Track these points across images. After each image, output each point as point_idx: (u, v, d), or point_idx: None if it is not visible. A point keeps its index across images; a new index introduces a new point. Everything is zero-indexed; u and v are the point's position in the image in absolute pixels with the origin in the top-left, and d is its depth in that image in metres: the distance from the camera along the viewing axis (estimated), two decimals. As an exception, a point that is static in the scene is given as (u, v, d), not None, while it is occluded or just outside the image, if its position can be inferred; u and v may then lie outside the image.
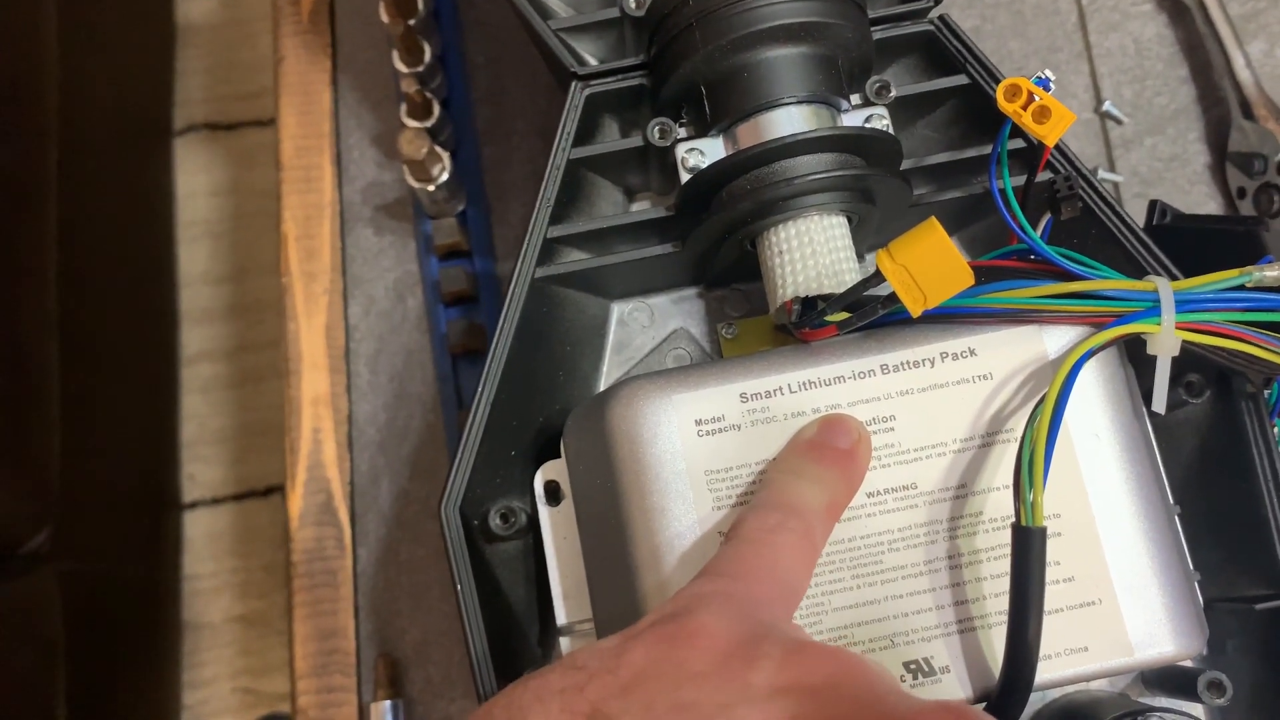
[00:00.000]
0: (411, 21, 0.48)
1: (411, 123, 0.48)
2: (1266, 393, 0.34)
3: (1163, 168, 0.49)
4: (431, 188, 0.47)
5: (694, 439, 0.30)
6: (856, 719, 0.22)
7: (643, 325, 0.39)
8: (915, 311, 0.28)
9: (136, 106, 1.08)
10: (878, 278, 0.30)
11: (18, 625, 0.75)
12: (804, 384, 0.31)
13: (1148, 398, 0.31)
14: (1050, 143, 0.30)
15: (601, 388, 0.38)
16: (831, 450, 0.29)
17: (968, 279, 0.28)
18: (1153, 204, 0.39)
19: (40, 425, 0.79)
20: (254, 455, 1.08)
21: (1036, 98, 0.29)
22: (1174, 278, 0.33)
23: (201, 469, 1.07)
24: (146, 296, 1.05)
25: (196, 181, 1.13)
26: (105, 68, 0.98)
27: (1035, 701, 0.34)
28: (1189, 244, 0.36)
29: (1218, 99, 0.49)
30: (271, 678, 1.03)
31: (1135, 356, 0.33)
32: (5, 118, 0.80)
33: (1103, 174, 0.49)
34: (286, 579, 0.48)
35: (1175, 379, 0.34)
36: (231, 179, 1.13)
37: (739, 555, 0.27)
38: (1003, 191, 0.31)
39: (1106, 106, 0.49)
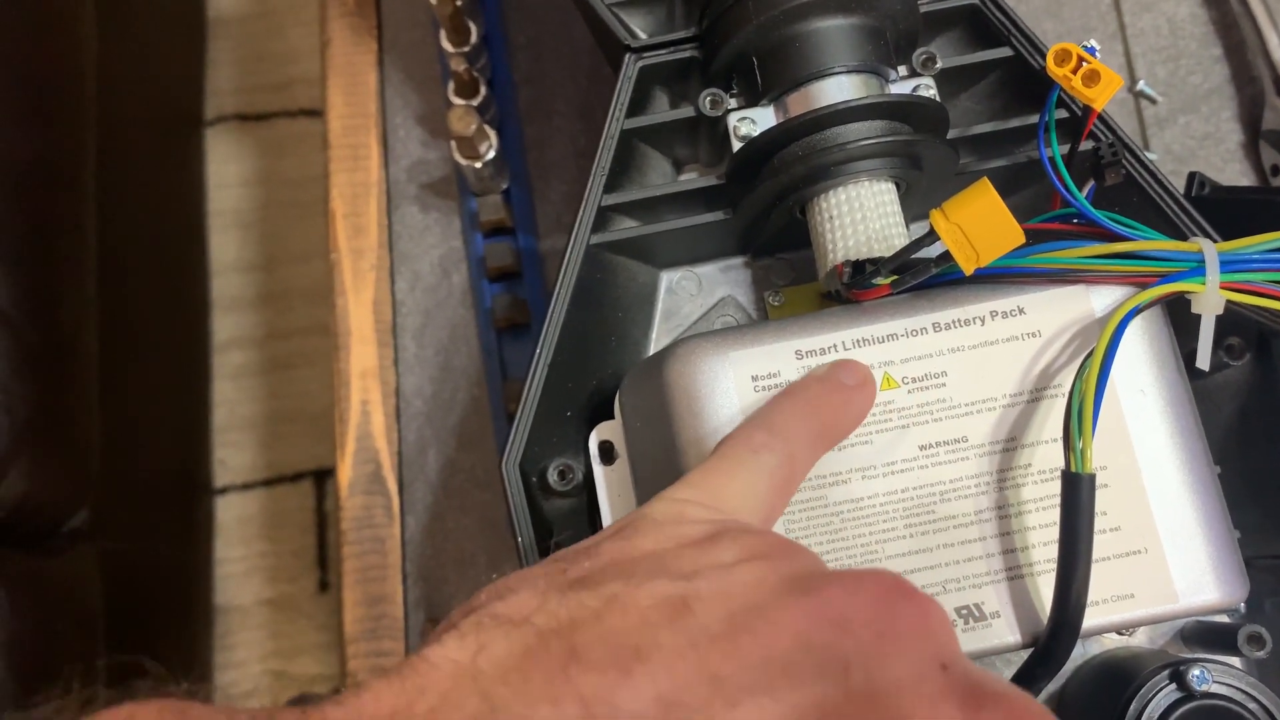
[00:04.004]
0: (459, 2, 0.49)
1: (459, 101, 0.49)
2: (1305, 355, 0.35)
3: (1196, 146, 0.50)
4: (479, 164, 0.48)
5: (751, 394, 0.31)
6: (811, 579, 0.23)
7: (691, 293, 0.40)
8: (968, 269, 0.29)
9: (169, 97, 1.09)
10: (927, 240, 0.31)
11: (60, 601, 0.77)
12: (857, 341, 0.32)
13: (1188, 358, 0.32)
14: (1099, 106, 0.31)
15: (651, 354, 0.39)
16: (836, 383, 0.30)
17: (1019, 238, 0.29)
18: (1191, 175, 0.40)
19: (81, 408, 0.81)
20: (284, 441, 1.09)
21: (1085, 62, 0.30)
22: (1215, 240, 0.33)
23: (232, 454, 1.09)
24: (179, 284, 1.06)
25: (227, 171, 1.15)
26: (140, 59, 0.99)
27: (1077, 656, 0.35)
28: (1226, 215, 0.37)
29: (1251, 78, 0.50)
30: (301, 660, 1.05)
31: (1176, 320, 0.34)
32: (47, 107, 0.82)
33: (1137, 151, 0.49)
34: (336, 546, 0.49)
35: (1216, 341, 0.35)
36: (261, 169, 1.15)
37: (716, 469, 0.27)
38: (1051, 157, 0.32)
39: (1141, 86, 0.50)
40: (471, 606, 0.23)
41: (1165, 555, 0.30)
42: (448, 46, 0.50)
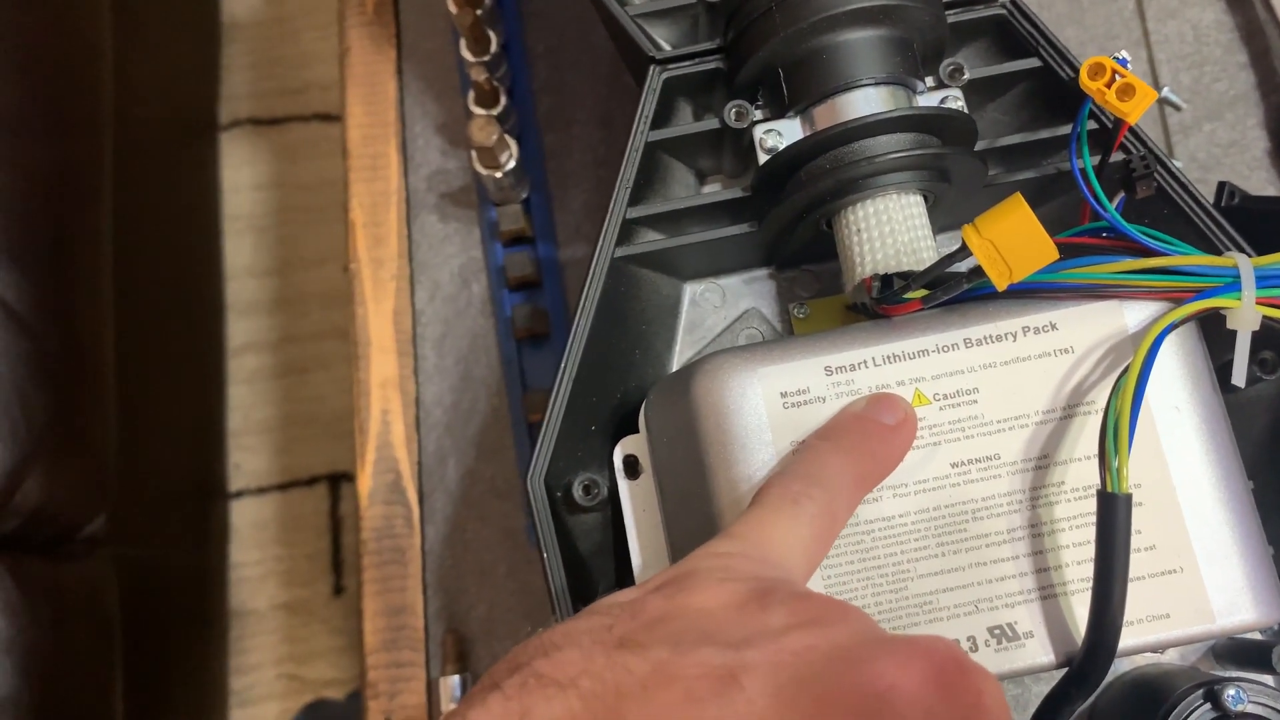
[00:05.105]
0: (479, 11, 0.49)
1: (479, 110, 0.49)
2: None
3: (1221, 153, 0.49)
4: (499, 174, 0.48)
5: (780, 411, 0.31)
6: (861, 649, 0.23)
7: (714, 305, 0.40)
8: (1001, 285, 0.29)
9: (184, 102, 1.09)
10: (959, 255, 0.31)
11: (78, 606, 0.77)
12: (888, 358, 0.31)
13: (1221, 373, 0.32)
14: (1132, 120, 0.30)
15: (675, 367, 0.39)
16: (875, 424, 0.30)
17: (1052, 254, 0.29)
18: (1221, 185, 0.39)
19: (98, 414, 0.81)
20: (298, 445, 1.10)
21: (1119, 76, 0.30)
22: (1249, 255, 0.33)
23: (247, 458, 1.09)
24: (194, 289, 1.06)
25: (241, 176, 1.15)
26: (155, 64, 1.00)
27: (1108, 672, 0.35)
28: (1256, 225, 0.36)
29: (1277, 85, 0.49)
30: (315, 664, 1.05)
31: (1208, 334, 0.33)
32: (63, 114, 0.82)
33: (1162, 159, 0.49)
34: (355, 554, 0.49)
35: (1250, 355, 0.34)
36: (275, 173, 1.15)
37: (758, 520, 0.27)
38: (1083, 170, 0.31)
39: (1165, 93, 0.49)
40: (515, 663, 0.23)
41: (1201, 574, 0.30)
42: (468, 56, 0.49)
